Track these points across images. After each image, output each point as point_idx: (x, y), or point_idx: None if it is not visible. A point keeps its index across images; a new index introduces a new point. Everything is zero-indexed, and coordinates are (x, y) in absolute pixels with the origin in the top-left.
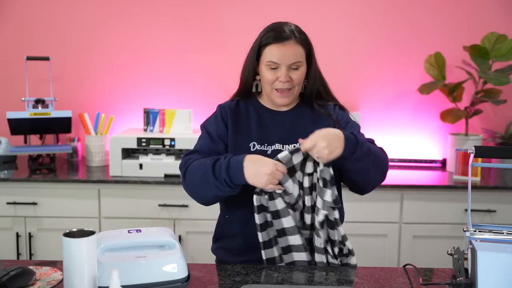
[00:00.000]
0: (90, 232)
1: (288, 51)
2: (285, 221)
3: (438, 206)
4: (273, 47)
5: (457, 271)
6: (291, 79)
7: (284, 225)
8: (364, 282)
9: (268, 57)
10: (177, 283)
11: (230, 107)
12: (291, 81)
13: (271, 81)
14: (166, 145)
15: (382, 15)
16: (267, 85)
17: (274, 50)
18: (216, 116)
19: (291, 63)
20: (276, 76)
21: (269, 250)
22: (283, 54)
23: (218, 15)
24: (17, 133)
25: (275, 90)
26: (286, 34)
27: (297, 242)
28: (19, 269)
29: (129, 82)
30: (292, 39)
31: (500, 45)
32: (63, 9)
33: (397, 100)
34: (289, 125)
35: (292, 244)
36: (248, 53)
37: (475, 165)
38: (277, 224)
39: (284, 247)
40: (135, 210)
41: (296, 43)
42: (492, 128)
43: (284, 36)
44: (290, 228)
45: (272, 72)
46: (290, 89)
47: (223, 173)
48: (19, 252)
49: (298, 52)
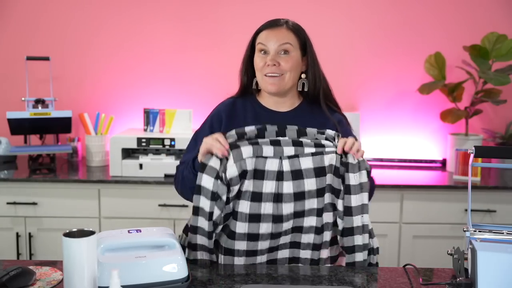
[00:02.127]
0: (90, 232)
1: (276, 34)
2: (202, 200)
3: (438, 206)
4: (264, 32)
5: (457, 271)
6: (279, 64)
7: (200, 204)
8: (364, 282)
9: (258, 41)
10: (177, 283)
11: (226, 107)
12: (278, 66)
13: (260, 67)
14: (166, 145)
15: (382, 15)
16: (258, 72)
17: (264, 33)
18: (207, 124)
19: (279, 44)
20: (265, 61)
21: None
22: (272, 36)
23: (218, 15)
24: (17, 133)
25: (265, 76)
26: (278, 22)
27: (205, 226)
28: (19, 269)
29: (129, 82)
30: (284, 26)
31: (500, 45)
32: (63, 9)
33: (397, 100)
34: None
35: (199, 226)
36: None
37: (475, 165)
38: (195, 199)
39: (192, 225)
40: (135, 210)
41: (287, 29)
42: (492, 128)
43: (276, 22)
44: (204, 211)
45: (262, 57)
46: (281, 75)
47: (190, 163)
48: (19, 252)
49: (288, 36)
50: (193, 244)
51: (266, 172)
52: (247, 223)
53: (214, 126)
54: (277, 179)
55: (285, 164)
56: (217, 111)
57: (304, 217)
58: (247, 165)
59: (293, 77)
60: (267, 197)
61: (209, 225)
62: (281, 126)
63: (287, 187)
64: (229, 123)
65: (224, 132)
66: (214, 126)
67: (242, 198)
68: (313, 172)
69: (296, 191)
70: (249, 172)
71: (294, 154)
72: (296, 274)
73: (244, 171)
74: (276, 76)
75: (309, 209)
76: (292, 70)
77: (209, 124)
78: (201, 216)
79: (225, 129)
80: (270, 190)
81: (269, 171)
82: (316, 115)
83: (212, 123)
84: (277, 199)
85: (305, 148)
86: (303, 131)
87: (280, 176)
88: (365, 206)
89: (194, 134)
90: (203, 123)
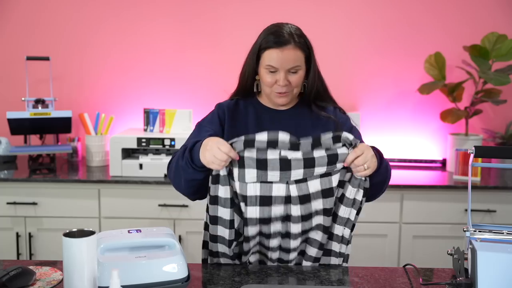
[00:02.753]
0: (90, 232)
1: (287, 56)
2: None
3: (438, 206)
4: (272, 52)
5: (457, 271)
6: (290, 82)
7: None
8: (364, 282)
9: (267, 61)
10: (177, 283)
11: (229, 106)
12: (289, 85)
13: (270, 84)
14: (166, 145)
15: (382, 15)
16: (266, 87)
17: (273, 54)
18: (213, 115)
19: (290, 67)
20: (275, 79)
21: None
22: (281, 59)
23: (218, 15)
24: (17, 133)
25: (274, 92)
26: (285, 39)
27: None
28: (19, 269)
29: (129, 82)
30: (291, 44)
31: (500, 45)
32: (63, 9)
33: (397, 100)
34: (288, 125)
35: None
36: (248, 55)
37: (475, 165)
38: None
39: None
40: (135, 210)
41: (295, 47)
42: (492, 128)
43: (283, 40)
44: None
45: (271, 75)
46: (290, 91)
47: (187, 154)
48: (19, 252)
49: (297, 56)
50: (214, 252)
51: (273, 198)
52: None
53: (221, 117)
54: (285, 202)
55: (292, 189)
56: (222, 106)
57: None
58: (247, 190)
59: (300, 87)
60: (276, 218)
61: (230, 233)
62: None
63: (295, 210)
64: (231, 121)
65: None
66: (221, 117)
67: (249, 224)
68: (320, 194)
69: (304, 213)
70: (253, 198)
71: (302, 178)
72: (296, 274)
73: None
74: (286, 93)
75: (317, 225)
76: (300, 84)
77: (216, 113)
78: (220, 225)
79: (228, 127)
80: (279, 213)
81: (277, 196)
82: (314, 111)
83: (219, 114)
84: (286, 219)
85: (315, 169)
86: (318, 141)
87: (288, 200)
88: (349, 222)
89: (198, 125)
90: (207, 115)
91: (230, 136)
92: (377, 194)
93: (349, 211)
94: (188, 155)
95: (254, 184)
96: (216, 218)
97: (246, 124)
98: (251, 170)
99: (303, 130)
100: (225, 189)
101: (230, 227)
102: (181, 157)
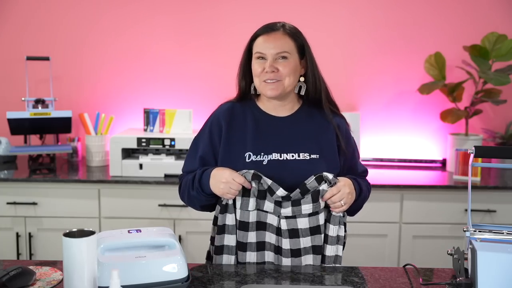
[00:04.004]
0: (90, 232)
1: (273, 40)
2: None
3: (438, 206)
4: (260, 38)
5: (457, 271)
6: (278, 70)
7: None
8: (364, 282)
9: (256, 49)
10: (177, 283)
11: (225, 113)
12: (277, 72)
13: (258, 73)
14: (166, 145)
15: (382, 15)
16: (256, 78)
17: (261, 40)
18: (204, 131)
19: (277, 52)
20: (263, 67)
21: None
22: (269, 43)
23: (218, 15)
24: (17, 133)
25: (264, 82)
26: (275, 26)
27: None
28: (19, 269)
29: (129, 82)
30: (280, 30)
31: (500, 45)
32: (63, 9)
33: (397, 100)
34: (288, 132)
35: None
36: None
37: (475, 165)
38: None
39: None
40: (135, 210)
41: (284, 34)
42: (492, 128)
43: (272, 27)
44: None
45: (260, 63)
46: (279, 80)
47: (197, 184)
48: (19, 252)
49: (285, 42)
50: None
51: (268, 225)
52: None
53: (213, 133)
54: (276, 233)
55: (283, 223)
56: (216, 117)
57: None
58: (250, 217)
59: (292, 81)
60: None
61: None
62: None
63: (285, 243)
64: (229, 129)
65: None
66: (213, 133)
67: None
68: (309, 231)
69: (293, 248)
70: (251, 224)
71: (291, 215)
72: (296, 274)
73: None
74: (275, 82)
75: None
76: (291, 74)
77: (208, 129)
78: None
79: (226, 135)
80: (273, 241)
81: (271, 224)
82: (315, 118)
83: (211, 129)
84: (277, 251)
85: (302, 207)
86: (305, 188)
87: (279, 232)
88: (338, 258)
89: (194, 140)
90: (202, 128)
91: (227, 142)
92: (352, 214)
93: (335, 249)
94: (198, 186)
95: (253, 212)
96: (223, 247)
97: (244, 130)
98: (252, 200)
99: (302, 137)
100: (232, 217)
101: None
102: (191, 187)
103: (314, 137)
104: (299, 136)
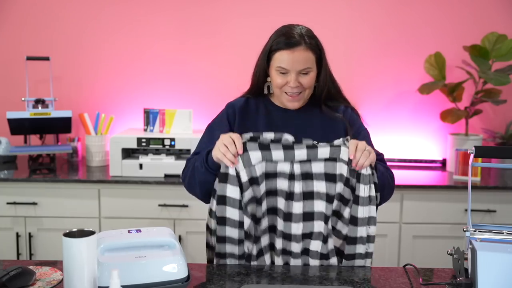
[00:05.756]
0: (90, 232)
1: (297, 57)
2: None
3: (438, 206)
4: (283, 53)
5: (457, 271)
6: (301, 84)
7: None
8: (364, 282)
9: (278, 63)
10: (177, 283)
11: (239, 105)
12: (300, 86)
13: (280, 85)
14: (166, 145)
15: (382, 15)
16: (276, 88)
17: (284, 55)
18: (222, 116)
19: (301, 69)
20: (285, 80)
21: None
22: (292, 60)
23: (218, 14)
24: (17, 133)
25: (285, 93)
26: (295, 40)
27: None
28: (19, 269)
29: (129, 82)
30: (302, 45)
31: (500, 45)
32: (63, 9)
33: (397, 100)
34: (299, 125)
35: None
36: (259, 56)
37: (475, 165)
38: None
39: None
40: (135, 210)
41: (305, 49)
42: (492, 128)
43: (293, 42)
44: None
45: (282, 76)
46: (300, 92)
47: (203, 154)
48: (19, 252)
49: (308, 58)
50: (222, 253)
51: (278, 173)
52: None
53: (230, 118)
54: (289, 179)
55: (296, 167)
56: (232, 105)
57: (313, 220)
58: (256, 171)
59: (312, 89)
60: (281, 193)
61: (240, 233)
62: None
63: (297, 186)
64: (241, 120)
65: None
66: (230, 118)
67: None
68: (323, 176)
69: (306, 190)
70: (259, 177)
71: (306, 159)
72: (296, 274)
73: (253, 177)
74: (297, 95)
75: (318, 212)
76: (311, 85)
77: (226, 116)
78: (229, 226)
79: (238, 125)
80: (284, 187)
81: (281, 172)
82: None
83: (228, 115)
84: (289, 197)
85: (318, 150)
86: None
87: (291, 177)
88: (372, 219)
89: (209, 127)
90: (217, 116)
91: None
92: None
93: (368, 210)
94: (205, 156)
95: (261, 164)
96: (224, 219)
97: (256, 123)
98: (254, 152)
99: (313, 130)
100: (235, 189)
101: (240, 227)
102: (198, 159)
103: (323, 128)
104: (310, 128)
